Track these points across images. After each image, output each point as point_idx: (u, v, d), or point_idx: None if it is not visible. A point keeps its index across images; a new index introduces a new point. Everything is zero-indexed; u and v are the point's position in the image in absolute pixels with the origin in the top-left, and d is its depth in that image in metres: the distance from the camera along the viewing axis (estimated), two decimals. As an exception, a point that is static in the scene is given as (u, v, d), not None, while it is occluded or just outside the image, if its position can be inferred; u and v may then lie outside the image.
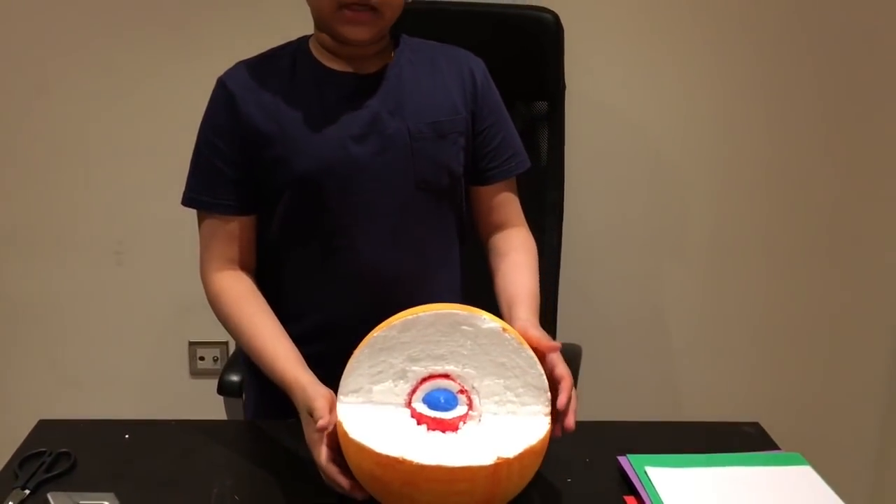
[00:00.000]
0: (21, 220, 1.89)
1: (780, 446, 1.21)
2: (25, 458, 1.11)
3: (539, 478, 1.06)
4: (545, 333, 1.11)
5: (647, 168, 1.88)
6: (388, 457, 0.94)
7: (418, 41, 1.31)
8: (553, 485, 1.10)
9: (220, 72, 1.27)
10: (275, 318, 1.22)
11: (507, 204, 1.35)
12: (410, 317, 1.03)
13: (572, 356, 1.64)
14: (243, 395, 1.48)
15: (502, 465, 0.95)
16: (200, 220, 1.27)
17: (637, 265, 1.95)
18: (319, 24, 1.23)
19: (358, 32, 1.18)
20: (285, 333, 1.19)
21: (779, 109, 1.85)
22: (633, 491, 1.09)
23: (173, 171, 1.33)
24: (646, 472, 1.11)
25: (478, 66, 1.31)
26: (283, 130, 1.22)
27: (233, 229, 1.25)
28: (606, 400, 1.61)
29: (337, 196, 1.23)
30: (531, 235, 1.37)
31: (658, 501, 1.05)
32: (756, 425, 1.27)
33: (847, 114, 1.87)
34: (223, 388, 1.53)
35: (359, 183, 1.23)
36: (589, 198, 1.83)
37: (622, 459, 1.14)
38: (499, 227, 1.35)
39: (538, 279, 1.29)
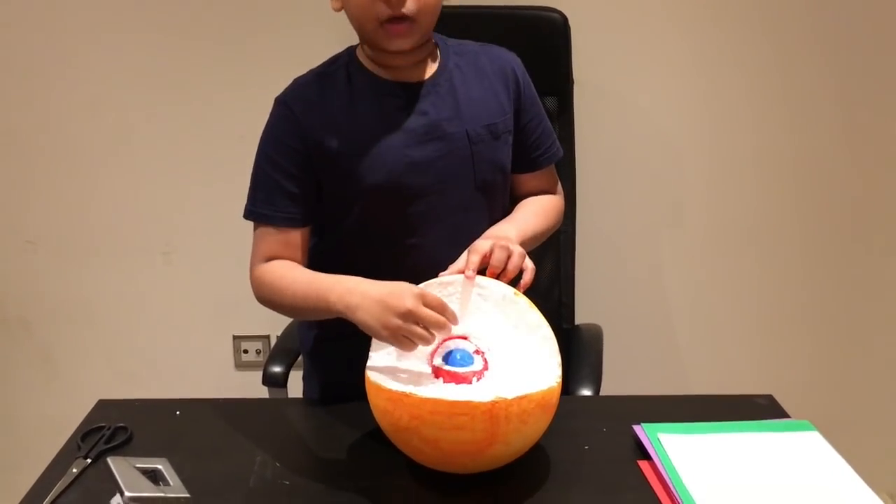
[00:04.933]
0: (79, 225, 1.97)
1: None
2: (87, 432, 1.20)
3: (558, 444, 1.14)
4: (507, 244, 1.16)
5: (654, 156, 1.89)
6: (397, 392, 1.03)
7: (458, 43, 1.34)
8: (571, 450, 1.17)
9: (263, 85, 1.32)
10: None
11: (550, 184, 1.42)
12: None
13: (594, 336, 1.66)
14: (297, 386, 1.51)
15: (500, 404, 1.00)
16: (255, 229, 1.29)
17: (650, 248, 1.95)
18: (363, 39, 1.27)
19: (399, 44, 1.22)
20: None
21: (784, 98, 1.85)
22: (646, 456, 1.14)
23: (216, 178, 1.40)
24: (658, 439, 1.15)
25: (517, 62, 1.36)
26: (348, 145, 1.25)
27: (289, 239, 1.27)
28: (627, 377, 1.61)
29: (403, 202, 1.27)
30: (561, 200, 1.43)
31: (669, 465, 1.10)
32: (769, 397, 1.30)
33: (852, 105, 1.87)
34: (267, 379, 1.55)
35: (424, 188, 1.27)
36: (600, 187, 1.86)
37: (637, 428, 1.19)
38: None
39: (545, 217, 1.36)
